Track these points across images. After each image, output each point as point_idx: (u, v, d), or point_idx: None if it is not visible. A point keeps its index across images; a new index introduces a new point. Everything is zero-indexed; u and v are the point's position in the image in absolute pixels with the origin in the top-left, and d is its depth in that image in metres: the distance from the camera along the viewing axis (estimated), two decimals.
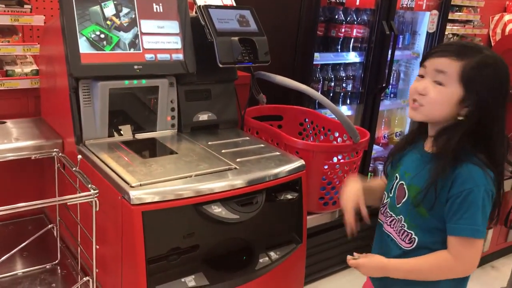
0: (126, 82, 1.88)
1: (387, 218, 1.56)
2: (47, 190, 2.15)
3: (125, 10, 1.87)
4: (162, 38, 1.95)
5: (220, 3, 2.19)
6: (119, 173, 1.62)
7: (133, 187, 1.53)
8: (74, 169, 1.68)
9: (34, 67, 2.26)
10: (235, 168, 1.75)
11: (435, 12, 3.22)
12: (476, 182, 1.35)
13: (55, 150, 1.83)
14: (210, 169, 1.71)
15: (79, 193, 1.64)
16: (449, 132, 1.40)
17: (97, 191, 1.52)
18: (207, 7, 2.03)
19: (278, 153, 1.95)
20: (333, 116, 2.21)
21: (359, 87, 3.07)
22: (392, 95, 3.43)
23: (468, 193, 1.34)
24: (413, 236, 1.46)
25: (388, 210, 1.56)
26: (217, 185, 1.63)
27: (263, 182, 1.74)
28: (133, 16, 1.89)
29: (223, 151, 1.91)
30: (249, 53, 2.08)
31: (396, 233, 1.51)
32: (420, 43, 3.39)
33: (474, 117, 1.37)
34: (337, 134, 2.36)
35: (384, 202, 1.59)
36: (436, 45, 3.32)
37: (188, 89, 2.11)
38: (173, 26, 1.98)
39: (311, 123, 2.50)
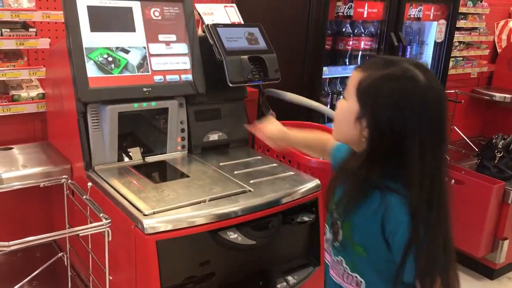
0: (135, 105, 1.84)
1: (331, 259, 1.32)
2: (56, 217, 2.11)
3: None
4: (170, 59, 1.91)
5: (227, 21, 2.16)
6: (131, 200, 1.57)
7: (146, 215, 1.48)
8: (84, 197, 1.64)
9: (40, 90, 2.22)
10: (249, 190, 1.70)
11: (442, 21, 3.18)
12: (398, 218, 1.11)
13: (64, 177, 1.79)
14: (223, 193, 1.66)
15: (90, 221, 1.60)
16: (355, 156, 1.22)
17: (109, 220, 1.48)
18: (215, 26, 2.00)
19: (292, 172, 1.90)
20: None
21: None
22: None
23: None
24: (359, 279, 1.23)
25: (330, 249, 1.32)
26: (232, 209, 1.58)
27: (278, 205, 1.69)
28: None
29: (235, 172, 1.86)
30: (259, 71, 2.04)
31: (340, 277, 1.28)
32: (428, 53, 3.34)
33: (375, 139, 1.13)
34: None
35: (327, 237, 1.34)
36: (444, 53, 3.28)
37: (198, 109, 2.07)
38: (181, 46, 1.95)
39: None
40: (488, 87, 4.15)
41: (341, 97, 1.25)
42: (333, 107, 2.91)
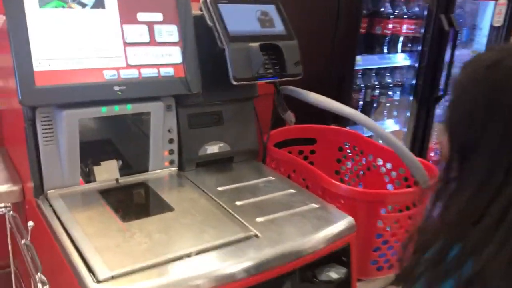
0: (104, 109, 1.35)
1: None
2: None
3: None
4: (154, 49, 1.40)
5: None
6: (84, 252, 1.09)
7: (100, 281, 1.00)
8: (23, 241, 1.17)
9: None
10: (256, 236, 1.21)
11: (503, 1, 2.60)
12: None
13: (5, 206, 1.32)
14: (219, 240, 1.17)
15: (31, 271, 1.13)
16: None
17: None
18: (216, 1, 1.48)
19: (315, 205, 1.39)
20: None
21: (409, 96, 2.48)
22: (446, 103, 2.83)
23: None
24: None
25: None
26: (230, 270, 1.09)
27: (296, 259, 1.20)
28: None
29: (238, 203, 1.37)
30: (274, 64, 1.52)
31: None
32: (481, 39, 2.78)
33: None
34: (389, 166, 1.80)
35: None
36: (502, 41, 2.71)
37: (192, 113, 1.57)
38: (170, 29, 1.44)
39: (354, 148, 1.94)
40: None
41: (377, 92, 0.85)
42: (366, 104, 2.38)
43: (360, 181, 1.93)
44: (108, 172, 1.48)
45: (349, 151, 1.96)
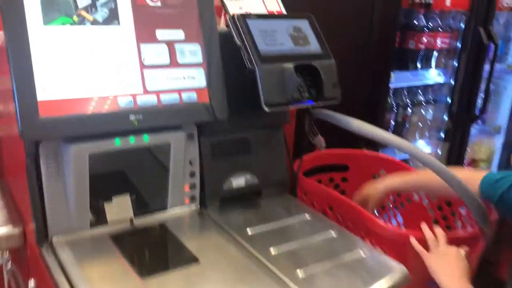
0: (118, 141, 1.17)
1: None
2: None
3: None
4: (175, 71, 1.22)
5: (262, 10, 1.46)
6: None
7: None
8: None
9: None
10: None
11: None
12: None
13: (1, 254, 1.13)
14: None
15: None
16: None
17: None
18: (244, 17, 1.30)
19: (362, 252, 1.20)
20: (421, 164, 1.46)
21: (443, 115, 2.29)
22: (478, 121, 2.63)
23: None
24: None
25: None
26: None
27: None
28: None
29: (273, 251, 1.18)
30: (310, 86, 1.34)
31: None
32: None
33: None
34: (433, 196, 1.61)
35: None
36: None
37: (216, 141, 1.39)
38: (193, 51, 1.25)
39: None
40: None
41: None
42: (398, 124, 2.19)
43: (398, 213, 1.74)
44: (120, 210, 1.30)
45: None
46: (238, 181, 1.42)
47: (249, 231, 1.27)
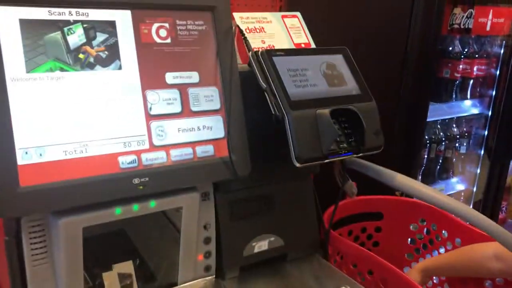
0: (118, 211, 0.95)
1: None
2: None
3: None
4: (188, 121, 1.01)
5: (288, 43, 1.25)
6: None
7: None
8: None
9: None
10: None
11: None
12: None
13: None
14: None
15: None
16: None
17: None
18: (270, 54, 1.08)
19: None
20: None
21: (479, 150, 2.07)
22: None
23: None
24: None
25: None
26: None
27: None
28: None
29: None
30: (348, 135, 1.12)
31: None
32: None
33: None
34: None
35: None
36: None
37: (235, 199, 1.17)
38: (209, 96, 1.04)
39: (432, 227, 1.53)
40: None
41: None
42: (430, 160, 1.97)
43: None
44: (121, 281, 1.08)
45: (426, 229, 1.55)
46: (261, 245, 1.21)
47: None
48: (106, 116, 0.92)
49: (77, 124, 0.89)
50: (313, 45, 1.31)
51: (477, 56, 1.93)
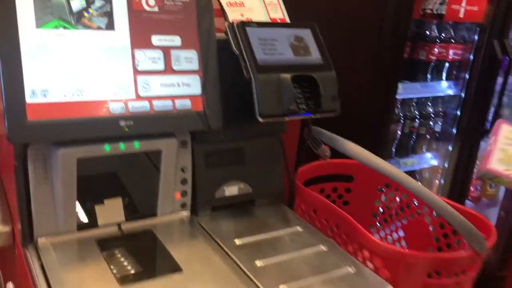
0: (107, 147, 1.16)
1: None
2: None
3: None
4: (170, 78, 1.21)
5: (264, 17, 1.44)
6: None
7: None
8: None
9: None
10: None
11: None
12: None
13: None
14: None
15: None
16: None
17: None
18: (244, 25, 1.28)
19: (350, 269, 1.17)
20: None
21: (452, 128, 2.24)
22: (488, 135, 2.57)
23: None
24: None
25: None
26: None
27: None
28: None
29: (258, 263, 1.16)
30: (308, 98, 1.31)
31: None
32: None
33: None
34: (435, 214, 1.57)
35: None
36: None
37: (210, 150, 1.37)
38: (189, 57, 1.24)
39: (395, 190, 1.71)
40: None
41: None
42: (404, 135, 2.15)
43: (401, 228, 1.71)
44: (111, 213, 1.29)
45: (390, 193, 1.74)
46: (231, 190, 1.41)
47: (237, 241, 1.25)
48: (100, 68, 1.12)
49: (76, 73, 1.10)
50: (288, 21, 1.49)
51: (453, 41, 2.09)
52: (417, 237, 1.63)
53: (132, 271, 1.10)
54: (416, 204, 1.62)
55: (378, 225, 1.83)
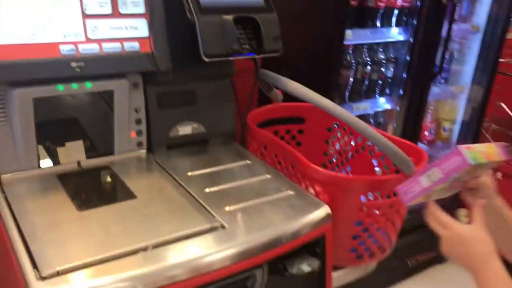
0: (60, 87, 1.24)
1: None
2: None
3: None
4: (117, 21, 1.29)
5: None
6: (32, 246, 1.00)
7: (44, 277, 0.92)
8: None
9: None
10: (222, 226, 1.12)
11: None
12: None
13: None
14: (180, 232, 1.07)
15: None
16: None
17: None
18: None
19: (290, 192, 1.30)
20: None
21: (403, 73, 2.36)
22: (442, 81, 2.71)
23: None
24: None
25: None
26: (188, 267, 1.00)
27: (265, 252, 1.11)
28: None
29: (207, 190, 1.27)
30: (250, 39, 1.41)
31: None
32: (482, 14, 2.63)
33: None
34: (377, 149, 1.70)
35: None
36: (505, 13, 2.55)
37: (162, 91, 1.46)
38: (135, 1, 1.31)
39: (343, 129, 1.83)
40: None
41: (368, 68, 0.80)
42: (357, 81, 2.26)
43: (348, 164, 1.83)
44: (73, 154, 1.39)
45: (338, 132, 1.85)
46: (185, 129, 1.51)
47: (190, 173, 1.36)
48: (50, 13, 1.20)
49: (29, 18, 1.17)
50: None
51: None
52: (362, 171, 1.75)
53: (90, 199, 1.21)
54: (361, 140, 1.74)
55: (329, 163, 1.95)
